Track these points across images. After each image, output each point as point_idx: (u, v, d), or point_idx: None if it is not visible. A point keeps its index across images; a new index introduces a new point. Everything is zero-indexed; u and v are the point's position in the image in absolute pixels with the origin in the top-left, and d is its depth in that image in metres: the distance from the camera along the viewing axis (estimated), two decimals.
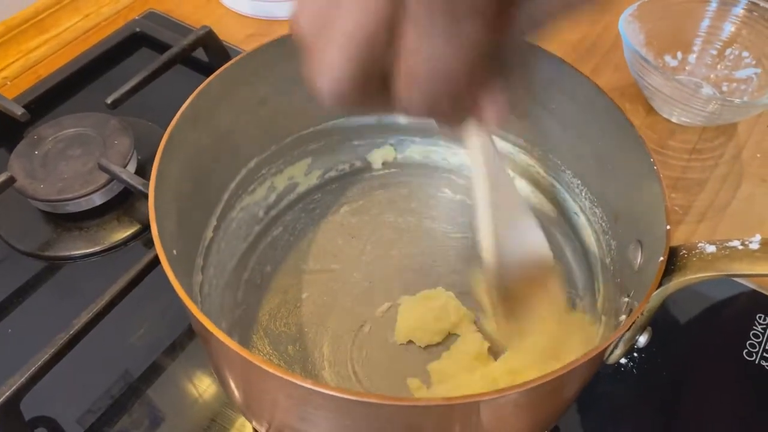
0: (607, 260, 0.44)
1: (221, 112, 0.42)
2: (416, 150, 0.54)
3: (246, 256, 0.49)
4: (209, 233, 0.45)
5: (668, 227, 0.34)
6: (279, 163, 0.50)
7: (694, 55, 0.63)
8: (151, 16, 0.72)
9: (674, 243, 0.34)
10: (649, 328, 0.36)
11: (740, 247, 0.32)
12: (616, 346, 0.35)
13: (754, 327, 0.47)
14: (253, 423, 0.39)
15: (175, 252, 0.36)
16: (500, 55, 0.26)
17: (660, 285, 0.33)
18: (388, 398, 0.27)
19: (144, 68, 0.59)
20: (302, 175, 0.52)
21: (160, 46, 0.66)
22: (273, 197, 0.51)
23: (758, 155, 0.59)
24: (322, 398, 0.28)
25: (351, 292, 0.48)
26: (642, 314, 0.34)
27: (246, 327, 0.45)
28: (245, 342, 0.45)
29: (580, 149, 0.45)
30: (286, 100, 0.46)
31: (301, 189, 0.52)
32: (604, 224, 0.44)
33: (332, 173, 0.53)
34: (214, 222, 0.45)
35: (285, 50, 0.44)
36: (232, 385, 0.36)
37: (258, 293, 0.47)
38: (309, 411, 0.30)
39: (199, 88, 0.40)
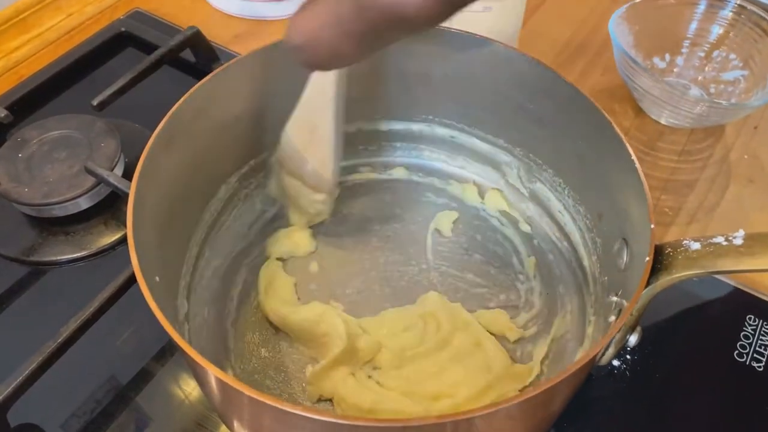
0: (593, 258, 0.44)
1: (195, 132, 0.41)
2: (397, 155, 0.54)
3: (232, 272, 0.48)
4: (193, 253, 0.44)
5: (652, 226, 0.34)
6: (260, 177, 0.49)
7: (682, 57, 0.63)
8: (137, 16, 0.70)
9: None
10: (639, 328, 0.36)
11: (724, 243, 0.32)
12: (607, 348, 0.35)
13: (744, 328, 0.47)
14: None
15: (157, 279, 0.35)
16: None
17: (647, 284, 0.33)
18: (379, 421, 0.26)
19: (130, 69, 0.58)
20: None
21: (147, 47, 0.65)
22: (256, 212, 0.50)
23: (746, 156, 0.59)
24: (310, 423, 0.27)
25: (341, 302, 0.47)
26: (631, 314, 0.34)
27: (235, 345, 0.45)
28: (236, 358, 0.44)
29: (561, 148, 0.45)
30: (261, 115, 0.46)
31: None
32: (588, 222, 0.45)
33: None
34: (198, 242, 0.45)
35: (256, 67, 0.43)
36: (221, 409, 0.35)
37: (246, 309, 0.47)
38: None
39: (171, 111, 0.39)
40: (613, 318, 0.37)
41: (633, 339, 0.36)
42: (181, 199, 0.41)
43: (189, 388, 0.44)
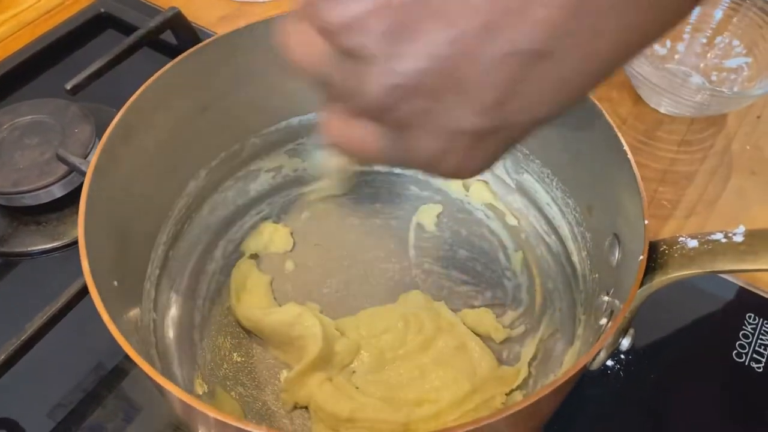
0: (583, 254, 0.43)
1: (158, 123, 0.40)
2: None
3: (202, 272, 0.46)
4: (160, 253, 0.43)
5: (646, 222, 0.32)
6: (229, 169, 0.47)
7: (684, 44, 0.61)
8: None
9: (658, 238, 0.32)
10: (632, 330, 0.34)
11: (723, 241, 0.30)
12: (598, 353, 0.34)
13: (744, 327, 0.46)
14: None
15: (115, 283, 0.33)
16: None
17: (641, 285, 0.31)
18: None
19: (107, 51, 0.56)
20: (254, 181, 0.50)
21: (126, 28, 0.63)
22: (228, 207, 0.49)
23: (748, 147, 0.57)
24: None
25: (318, 302, 0.45)
26: (624, 317, 0.32)
27: (205, 350, 0.43)
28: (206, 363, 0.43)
29: (549, 137, 0.43)
30: (231, 105, 0.44)
31: (254, 195, 0.50)
32: (577, 215, 0.43)
33: (289, 176, 0.51)
34: (165, 241, 0.43)
35: (223, 53, 0.41)
36: (186, 423, 0.33)
37: (218, 312, 0.45)
38: None
39: (129, 102, 0.38)
40: (604, 320, 0.35)
41: (625, 342, 0.34)
42: (144, 197, 0.40)
43: None
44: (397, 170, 0.52)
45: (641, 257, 0.31)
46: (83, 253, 0.30)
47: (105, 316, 0.28)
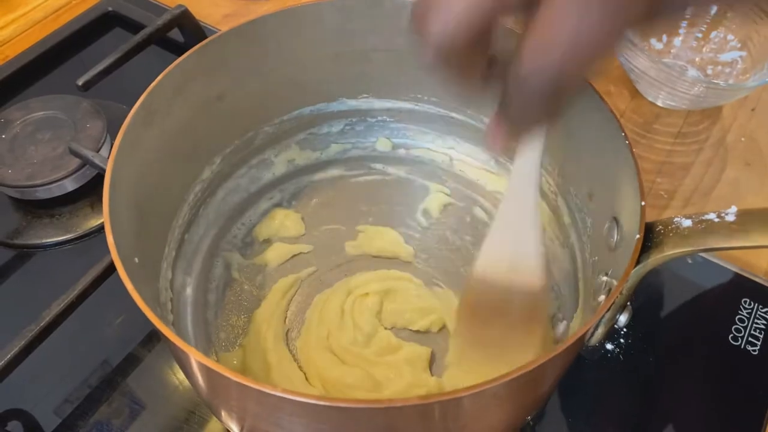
0: (584, 238, 0.43)
1: (176, 110, 0.41)
2: (385, 134, 0.53)
3: (216, 254, 0.47)
4: (176, 234, 0.44)
5: (643, 203, 0.33)
6: (242, 156, 0.49)
7: (680, 38, 0.62)
8: None
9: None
10: (629, 307, 0.35)
11: (716, 220, 0.31)
12: (596, 328, 0.35)
13: (740, 311, 0.47)
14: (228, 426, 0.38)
15: (136, 260, 0.34)
16: None
17: (638, 263, 0.32)
18: (363, 402, 0.26)
19: (116, 49, 0.57)
20: (267, 168, 0.51)
21: (134, 26, 0.64)
22: (241, 192, 0.50)
23: (742, 139, 0.59)
24: (295, 405, 0.27)
25: (328, 286, 0.47)
26: (621, 293, 0.33)
27: (219, 328, 0.44)
28: (219, 342, 0.44)
29: (552, 128, 0.44)
30: (245, 94, 0.45)
31: (266, 181, 0.51)
32: (578, 201, 0.44)
33: (300, 164, 0.52)
34: (181, 223, 0.44)
35: (237, 44, 0.42)
36: (203, 393, 0.35)
37: (231, 292, 0.46)
38: (283, 417, 0.30)
39: (149, 89, 0.38)
40: (602, 297, 0.36)
41: (623, 319, 0.35)
42: (162, 180, 0.41)
43: (180, 372, 0.44)
44: (404, 158, 0.53)
45: (637, 236, 0.33)
46: (108, 229, 0.31)
47: (129, 286, 0.29)
